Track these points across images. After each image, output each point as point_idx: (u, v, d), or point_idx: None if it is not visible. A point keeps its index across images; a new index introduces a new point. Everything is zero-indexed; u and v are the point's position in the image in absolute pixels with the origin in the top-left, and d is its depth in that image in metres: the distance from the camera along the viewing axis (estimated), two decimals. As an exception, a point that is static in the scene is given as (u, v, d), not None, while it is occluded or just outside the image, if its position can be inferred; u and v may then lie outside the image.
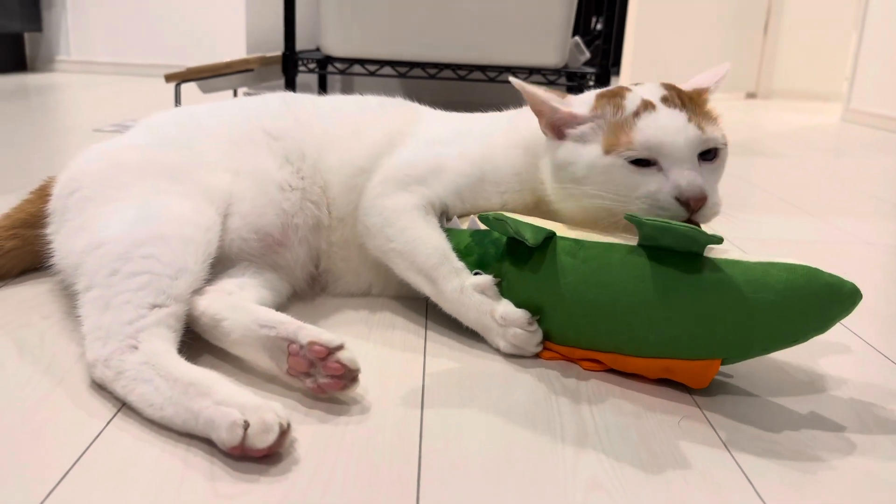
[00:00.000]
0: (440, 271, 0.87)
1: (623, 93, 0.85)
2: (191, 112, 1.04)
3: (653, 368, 0.78)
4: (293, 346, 0.72)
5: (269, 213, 0.92)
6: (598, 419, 0.72)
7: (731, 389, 0.80)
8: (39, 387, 0.73)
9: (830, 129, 3.38)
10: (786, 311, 0.72)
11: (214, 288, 0.83)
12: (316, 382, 0.72)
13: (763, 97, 4.91)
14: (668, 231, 0.74)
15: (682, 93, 0.86)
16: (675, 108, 0.83)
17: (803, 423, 0.73)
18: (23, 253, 0.99)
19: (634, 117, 0.82)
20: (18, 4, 3.90)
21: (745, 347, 0.74)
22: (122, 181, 0.87)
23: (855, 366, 0.88)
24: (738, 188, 1.93)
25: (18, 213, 0.99)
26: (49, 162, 1.78)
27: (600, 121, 0.84)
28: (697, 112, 0.84)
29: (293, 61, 2.31)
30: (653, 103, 0.83)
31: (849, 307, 0.73)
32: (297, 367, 0.72)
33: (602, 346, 0.80)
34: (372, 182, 0.95)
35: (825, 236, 1.46)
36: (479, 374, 0.81)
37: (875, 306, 1.08)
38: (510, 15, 2.26)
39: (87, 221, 0.84)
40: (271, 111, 1.03)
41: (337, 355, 0.71)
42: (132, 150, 0.93)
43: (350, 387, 0.72)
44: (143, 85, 3.68)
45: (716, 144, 0.83)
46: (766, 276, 0.73)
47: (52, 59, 4.23)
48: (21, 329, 0.86)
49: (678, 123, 0.81)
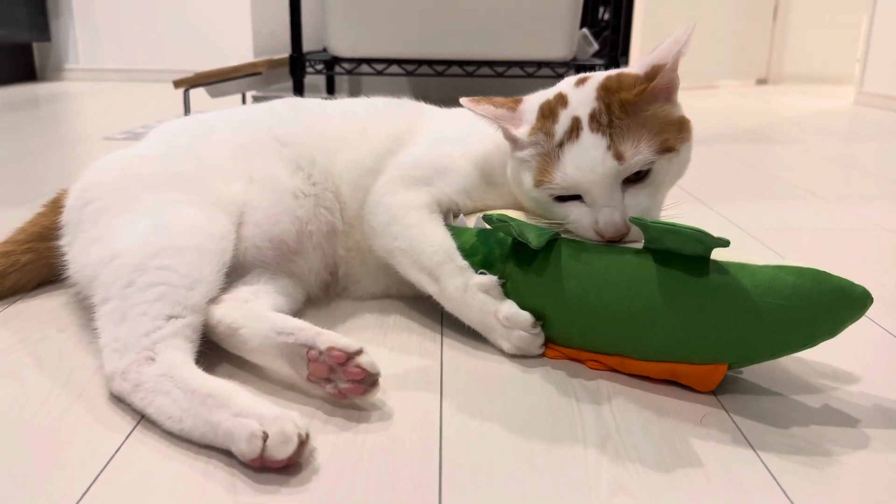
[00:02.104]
0: (444, 269, 0.86)
1: (557, 109, 0.83)
2: (201, 120, 1.04)
3: (658, 371, 0.77)
4: (312, 352, 0.72)
5: (284, 220, 0.92)
6: (620, 419, 0.71)
7: (753, 386, 0.79)
8: (59, 401, 0.73)
9: (843, 113, 3.35)
10: (794, 315, 0.71)
11: (230, 296, 0.83)
12: (336, 388, 0.71)
13: (774, 83, 4.87)
14: (673, 233, 0.73)
15: (614, 101, 0.80)
16: (598, 133, 0.79)
17: (826, 418, 0.72)
18: (38, 266, 0.99)
19: (560, 148, 0.81)
20: (27, 15, 3.93)
21: (751, 352, 0.73)
22: (135, 192, 0.87)
23: (875, 356, 0.87)
24: (751, 176, 1.92)
25: (33, 226, 0.99)
26: (60, 172, 1.79)
27: (536, 148, 0.83)
28: (626, 126, 0.79)
29: (301, 63, 2.31)
30: (579, 126, 0.80)
31: (859, 311, 0.71)
32: (317, 373, 0.72)
33: (606, 349, 0.79)
34: (378, 182, 0.94)
35: (840, 222, 1.44)
36: (497, 377, 0.80)
37: (893, 294, 1.07)
38: (516, 9, 2.24)
39: (102, 233, 0.84)
40: (280, 118, 1.03)
41: (357, 360, 0.71)
42: (145, 160, 0.93)
43: (371, 391, 0.71)
44: (152, 91, 3.69)
45: (640, 167, 0.79)
46: (774, 280, 0.72)
47: (61, 67, 4.26)
48: (39, 343, 0.86)
49: (595, 158, 0.78)
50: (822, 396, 0.77)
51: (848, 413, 0.73)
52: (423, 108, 1.07)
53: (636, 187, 0.80)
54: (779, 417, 0.72)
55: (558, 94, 0.85)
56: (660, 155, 0.79)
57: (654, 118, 0.80)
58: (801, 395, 0.77)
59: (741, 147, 2.31)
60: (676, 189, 1.69)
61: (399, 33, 2.27)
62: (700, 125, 2.79)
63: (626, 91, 0.81)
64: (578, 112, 0.81)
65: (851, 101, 3.72)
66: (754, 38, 4.72)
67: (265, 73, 2.37)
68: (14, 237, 0.99)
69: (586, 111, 0.81)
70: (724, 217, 1.46)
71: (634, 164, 0.78)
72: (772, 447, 0.67)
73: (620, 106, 0.80)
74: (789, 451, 0.66)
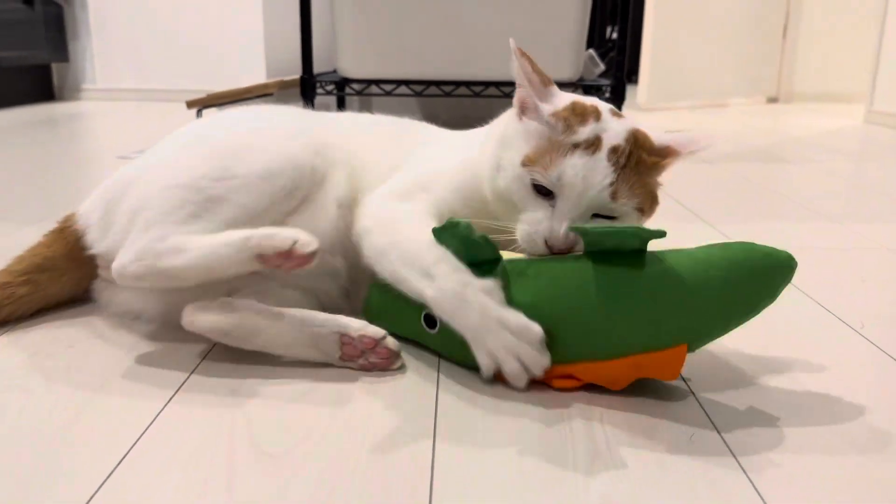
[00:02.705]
0: (440, 267, 0.80)
1: (589, 116, 0.84)
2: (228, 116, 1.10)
3: (623, 369, 0.78)
4: (345, 337, 0.84)
5: (328, 233, 0.94)
6: (610, 436, 0.73)
7: (744, 404, 0.80)
8: (65, 412, 0.75)
9: (853, 132, 3.35)
10: (735, 284, 0.77)
11: (242, 303, 0.86)
12: (367, 360, 0.85)
13: (785, 101, 4.87)
14: (610, 234, 0.78)
15: (636, 153, 0.84)
16: (611, 166, 0.81)
17: (818, 436, 0.73)
18: (36, 298, 0.98)
19: (573, 148, 0.82)
20: (45, 36, 4.01)
21: (705, 327, 0.78)
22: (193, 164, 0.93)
23: (872, 376, 0.88)
24: (757, 195, 1.92)
25: (33, 256, 0.98)
26: (73, 191, 1.83)
27: (549, 130, 0.84)
28: (631, 179, 0.83)
29: (311, 84, 2.34)
30: (600, 145, 0.82)
31: (788, 273, 0.79)
32: (350, 353, 0.84)
33: (569, 356, 0.80)
34: (372, 194, 0.95)
35: (845, 242, 1.45)
36: (492, 394, 0.81)
37: (893, 313, 1.07)
38: (522, 31, 2.28)
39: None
40: (312, 121, 1.05)
41: (383, 342, 0.85)
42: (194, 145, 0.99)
43: (395, 362, 0.86)
44: (167, 110, 3.75)
45: (617, 215, 0.84)
46: (710, 256, 0.79)
47: (79, 87, 4.33)
48: (48, 358, 0.88)
49: (598, 181, 0.81)
50: (815, 414, 0.77)
51: (842, 431, 0.74)
52: (425, 130, 1.09)
53: (598, 220, 0.84)
54: (768, 436, 0.73)
55: (595, 105, 0.87)
56: (634, 211, 0.85)
57: (647, 187, 0.85)
58: (793, 412, 0.78)
59: (748, 166, 2.32)
60: (680, 208, 1.72)
61: (407, 55, 2.31)
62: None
63: (646, 153, 0.85)
64: (605, 135, 0.83)
65: (861, 119, 3.71)
66: (764, 56, 4.73)
67: (276, 93, 2.41)
68: (12, 267, 0.97)
69: (612, 141, 0.83)
70: (727, 236, 1.47)
71: (619, 208, 0.83)
72: (760, 465, 0.68)
73: (638, 161, 0.84)
74: (778, 469, 0.67)
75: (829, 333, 1.00)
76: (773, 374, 0.87)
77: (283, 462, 0.68)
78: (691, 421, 0.76)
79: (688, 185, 2.02)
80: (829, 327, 1.01)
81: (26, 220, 1.49)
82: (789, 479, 0.66)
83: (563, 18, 2.26)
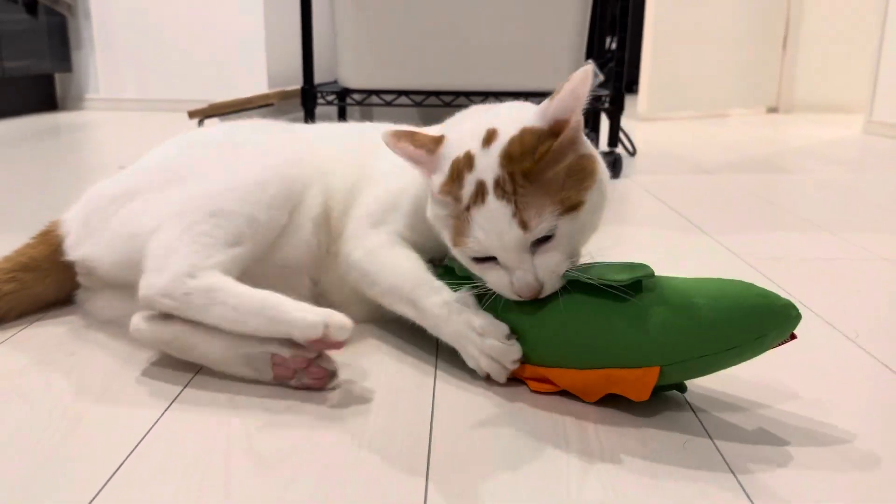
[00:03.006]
0: (420, 292, 0.88)
1: (464, 172, 0.81)
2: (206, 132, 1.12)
3: (595, 381, 0.79)
4: (277, 357, 0.82)
5: (299, 246, 0.97)
6: (605, 442, 0.73)
7: (737, 412, 0.80)
8: (63, 422, 0.76)
9: (852, 142, 3.36)
10: (718, 315, 0.74)
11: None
12: (300, 381, 0.82)
13: (785, 111, 4.88)
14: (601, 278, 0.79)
15: (517, 170, 0.78)
16: (503, 200, 0.78)
17: (812, 444, 0.74)
18: (21, 297, 1.01)
19: (467, 211, 0.80)
20: (49, 46, 4.03)
21: (679, 353, 0.75)
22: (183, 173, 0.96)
23: (866, 385, 0.88)
24: (755, 205, 1.93)
25: (19, 256, 1.01)
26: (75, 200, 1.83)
27: (447, 207, 0.83)
28: (530, 193, 0.78)
29: (312, 95, 2.36)
30: (485, 190, 0.79)
31: (782, 321, 0.73)
32: (281, 374, 0.83)
33: (547, 359, 0.82)
34: (349, 225, 0.99)
35: (841, 253, 1.46)
36: (488, 401, 0.82)
37: (887, 322, 1.08)
38: (521, 42, 2.29)
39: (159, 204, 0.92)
40: (284, 138, 1.07)
41: (318, 361, 0.81)
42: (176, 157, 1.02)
43: (330, 382, 0.83)
44: (169, 120, 3.77)
45: (545, 234, 0.79)
46: (700, 284, 0.78)
47: (82, 97, 4.36)
48: (49, 365, 0.89)
49: (501, 226, 0.78)
50: (809, 421, 0.78)
51: (835, 437, 0.75)
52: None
53: (545, 247, 0.80)
54: (762, 445, 0.74)
55: (466, 153, 0.82)
56: (563, 216, 0.79)
57: (555, 179, 0.79)
58: (787, 420, 0.78)
59: (747, 176, 2.33)
60: (679, 219, 1.73)
61: (407, 65, 2.33)
62: (708, 154, 2.83)
63: (528, 159, 0.78)
64: (484, 177, 0.80)
65: (860, 129, 3.73)
66: (764, 66, 4.75)
67: (277, 104, 2.43)
68: None
69: (491, 177, 0.79)
70: (725, 246, 1.48)
71: (538, 231, 0.78)
72: (752, 472, 0.68)
73: (523, 175, 0.78)
74: (771, 477, 0.68)
75: (824, 343, 1.00)
76: (768, 383, 0.87)
77: (279, 469, 0.68)
78: (685, 428, 0.76)
79: (685, 196, 2.03)
80: (825, 337, 1.02)
81: (27, 228, 1.50)
82: (781, 486, 0.67)
83: (561, 29, 2.28)
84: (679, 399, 0.83)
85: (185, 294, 0.82)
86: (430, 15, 2.29)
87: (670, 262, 1.36)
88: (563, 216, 0.79)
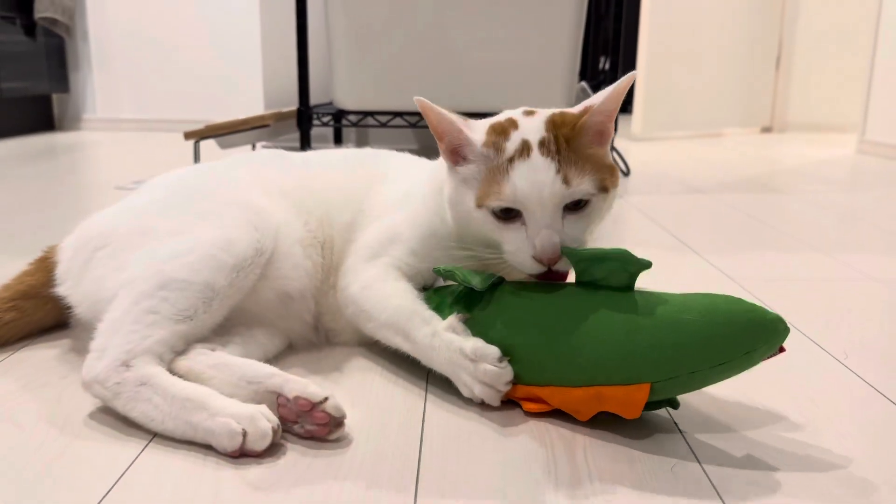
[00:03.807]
0: (411, 324, 0.89)
1: (509, 130, 0.86)
2: (205, 166, 1.10)
3: (586, 399, 0.80)
4: (281, 398, 0.78)
5: (294, 274, 0.97)
6: (593, 466, 0.74)
7: (726, 434, 0.81)
8: (54, 446, 0.76)
9: (845, 162, 3.38)
10: (708, 331, 0.75)
11: (197, 346, 0.87)
12: (304, 428, 0.78)
13: (779, 131, 4.92)
14: (599, 261, 0.81)
15: (562, 132, 0.85)
16: (548, 157, 0.83)
17: (801, 466, 0.74)
18: (21, 324, 1.01)
19: (509, 163, 0.84)
20: (46, 67, 4.06)
21: (669, 369, 0.76)
22: (151, 225, 0.92)
23: (855, 406, 0.89)
24: (748, 226, 1.94)
25: (18, 284, 1.02)
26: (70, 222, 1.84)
27: (484, 162, 0.86)
28: (572, 158, 0.84)
29: (308, 116, 2.38)
30: (529, 148, 0.84)
31: (771, 335, 0.74)
32: (286, 416, 0.78)
33: (539, 378, 0.83)
34: (348, 259, 1.00)
35: (831, 273, 1.46)
36: (478, 424, 0.83)
37: (876, 344, 1.08)
38: (515, 63, 2.31)
39: (123, 264, 0.89)
40: (277, 167, 1.08)
41: (322, 406, 0.77)
42: (154, 203, 0.98)
43: (336, 431, 0.77)
44: (165, 140, 3.79)
45: (582, 196, 0.84)
46: (689, 300, 0.79)
47: (79, 117, 4.38)
48: (40, 389, 0.90)
49: (545, 178, 0.82)
50: (797, 443, 0.78)
51: (823, 459, 0.75)
52: (385, 164, 1.11)
53: (574, 216, 0.85)
54: (750, 465, 0.74)
55: (508, 118, 0.89)
56: (598, 191, 0.85)
57: (593, 157, 0.86)
58: (775, 443, 0.78)
59: (740, 196, 2.35)
60: (671, 238, 1.73)
61: (402, 87, 2.35)
62: (702, 174, 2.84)
63: (568, 127, 0.85)
64: (528, 136, 0.85)
65: (854, 149, 3.75)
66: (758, 86, 4.79)
67: (273, 124, 2.44)
68: None
69: (536, 137, 0.85)
70: (716, 268, 1.49)
71: (579, 191, 0.83)
72: (740, 495, 0.69)
73: (566, 139, 0.85)
74: (759, 500, 0.68)
75: (813, 364, 1.01)
76: (757, 405, 0.87)
77: (269, 493, 0.68)
78: (673, 452, 0.77)
79: (678, 216, 2.04)
80: (813, 358, 1.03)
81: (23, 251, 1.51)
82: (767, 509, 0.67)
83: (555, 50, 2.31)
84: (668, 421, 0.83)
85: (117, 384, 0.79)
86: (425, 37, 2.31)
87: (662, 282, 1.36)
88: (599, 192, 0.85)
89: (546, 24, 2.29)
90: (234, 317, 0.93)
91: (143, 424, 0.78)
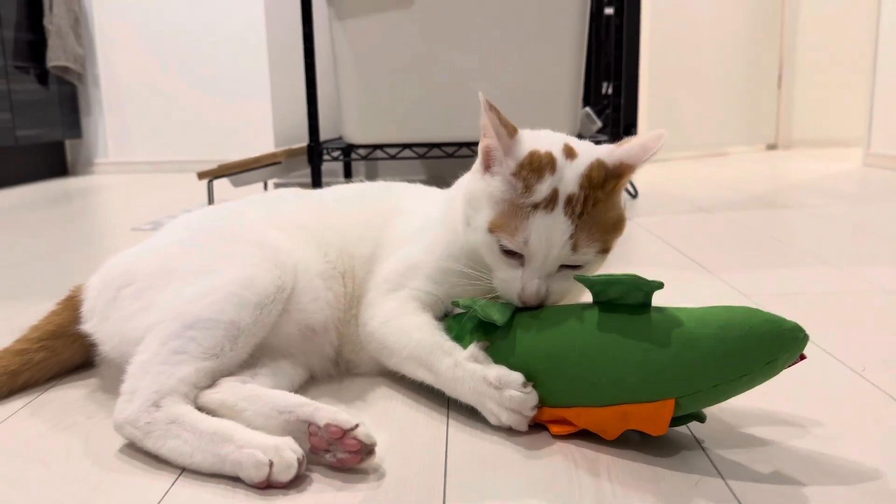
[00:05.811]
0: (433, 357, 0.90)
1: (544, 172, 0.85)
2: (222, 207, 1.12)
3: (611, 418, 0.81)
4: (312, 426, 0.79)
5: (314, 307, 0.98)
6: (617, 484, 0.74)
7: (748, 449, 0.81)
8: (83, 486, 0.78)
9: (852, 176, 3.39)
10: (728, 344, 0.76)
11: (228, 379, 0.88)
12: (335, 457, 0.78)
13: (784, 148, 4.94)
14: (613, 284, 0.82)
15: (591, 197, 0.85)
16: (569, 218, 0.84)
17: (828, 480, 0.74)
18: (52, 363, 1.03)
19: (532, 210, 0.85)
20: (60, 115, 4.14)
21: (692, 384, 0.77)
22: (175, 266, 0.94)
23: (877, 418, 0.89)
24: (757, 242, 1.95)
25: (47, 324, 1.03)
26: (89, 264, 1.86)
27: (509, 190, 0.86)
28: (588, 224, 0.85)
29: (318, 151, 2.41)
30: (556, 201, 0.85)
31: (790, 344, 0.75)
32: (318, 445, 0.79)
33: (564, 400, 0.84)
34: (368, 293, 1.02)
35: (843, 286, 1.47)
36: (501, 446, 0.83)
37: (894, 355, 1.09)
38: (519, 91, 2.35)
39: (149, 304, 0.91)
40: (294, 204, 1.10)
41: (353, 433, 0.77)
42: (175, 243, 1.00)
43: (367, 459, 0.78)
44: (178, 181, 3.84)
45: (580, 263, 0.87)
46: (706, 314, 0.80)
47: (91, 161, 4.44)
48: (68, 429, 0.91)
49: (559, 240, 0.85)
50: (819, 456, 0.79)
51: (846, 472, 0.75)
52: (399, 198, 1.12)
53: (567, 272, 0.88)
54: (776, 483, 0.74)
55: (548, 153, 0.87)
56: (598, 255, 0.88)
57: (607, 220, 0.88)
58: (798, 456, 0.79)
59: (748, 213, 2.36)
60: (682, 258, 1.74)
61: (410, 119, 2.38)
62: (709, 193, 2.85)
63: (601, 190, 0.86)
64: (560, 187, 0.85)
65: (860, 163, 3.76)
66: (761, 104, 4.82)
67: (285, 161, 2.48)
68: (28, 335, 1.03)
69: (567, 191, 0.85)
70: (728, 284, 1.49)
71: (581, 259, 0.87)
72: (764, 509, 0.69)
73: (594, 203, 0.86)
74: (781, 512, 0.69)
75: (832, 377, 1.01)
76: (777, 419, 0.88)
77: (297, 522, 0.69)
78: (697, 468, 0.77)
79: (688, 235, 2.05)
80: (832, 371, 1.03)
81: (42, 296, 1.53)
82: (793, 522, 0.67)
83: (558, 77, 2.34)
84: (689, 438, 0.84)
85: (147, 423, 0.81)
86: (429, 70, 2.35)
87: (677, 301, 1.36)
88: (598, 256, 0.88)
89: (549, 52, 2.32)
90: (259, 350, 0.94)
91: (173, 460, 0.79)
